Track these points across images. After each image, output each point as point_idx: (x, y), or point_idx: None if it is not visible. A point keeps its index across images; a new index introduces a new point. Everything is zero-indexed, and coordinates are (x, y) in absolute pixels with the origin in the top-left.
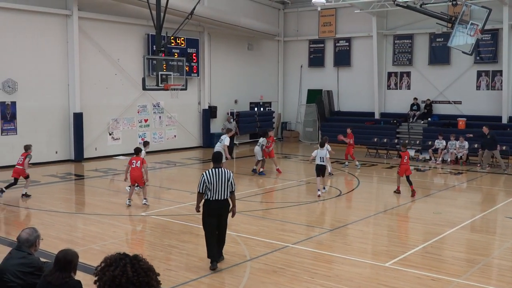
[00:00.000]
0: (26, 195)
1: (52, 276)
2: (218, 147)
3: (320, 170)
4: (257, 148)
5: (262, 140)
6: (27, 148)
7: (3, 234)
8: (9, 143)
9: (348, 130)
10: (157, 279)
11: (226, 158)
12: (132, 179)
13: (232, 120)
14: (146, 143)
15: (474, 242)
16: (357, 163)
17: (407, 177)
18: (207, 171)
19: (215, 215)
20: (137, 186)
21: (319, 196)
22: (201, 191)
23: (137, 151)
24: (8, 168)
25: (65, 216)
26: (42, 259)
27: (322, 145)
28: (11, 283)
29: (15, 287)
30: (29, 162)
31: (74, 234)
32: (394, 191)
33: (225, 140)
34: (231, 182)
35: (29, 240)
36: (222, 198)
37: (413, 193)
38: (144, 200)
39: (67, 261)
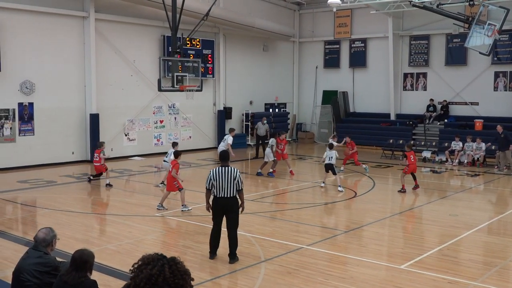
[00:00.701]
0: (109, 185)
1: (68, 276)
2: (222, 146)
3: (328, 168)
4: (267, 150)
5: (271, 140)
6: (100, 145)
7: (20, 233)
8: (26, 144)
9: (348, 139)
10: (191, 284)
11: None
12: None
13: (265, 121)
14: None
15: (491, 245)
16: (364, 166)
17: (413, 173)
18: (213, 169)
19: (221, 212)
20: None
21: (321, 186)
22: (208, 188)
23: (176, 154)
24: (27, 168)
25: (81, 216)
26: (58, 259)
27: (331, 147)
28: (28, 282)
29: (32, 286)
30: (104, 157)
31: (89, 234)
32: (399, 191)
33: (228, 139)
34: (238, 181)
35: (46, 240)
36: (228, 195)
37: (417, 187)
38: (159, 206)
39: (83, 261)
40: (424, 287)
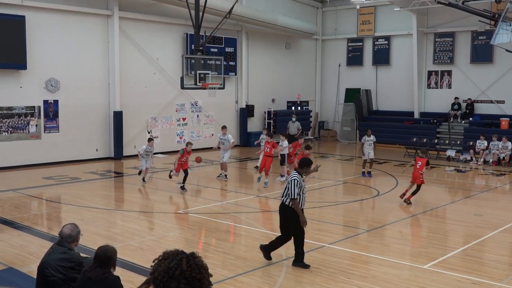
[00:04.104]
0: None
1: (92, 272)
2: (227, 150)
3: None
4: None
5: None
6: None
7: (45, 229)
8: (51, 141)
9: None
10: (209, 280)
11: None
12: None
13: (294, 119)
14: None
15: None
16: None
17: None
18: (297, 175)
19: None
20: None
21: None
22: (295, 197)
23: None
24: (51, 165)
25: (104, 212)
26: (82, 255)
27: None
28: (52, 277)
29: (56, 281)
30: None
31: (113, 230)
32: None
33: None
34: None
35: (72, 236)
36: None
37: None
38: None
39: (106, 257)
40: None
